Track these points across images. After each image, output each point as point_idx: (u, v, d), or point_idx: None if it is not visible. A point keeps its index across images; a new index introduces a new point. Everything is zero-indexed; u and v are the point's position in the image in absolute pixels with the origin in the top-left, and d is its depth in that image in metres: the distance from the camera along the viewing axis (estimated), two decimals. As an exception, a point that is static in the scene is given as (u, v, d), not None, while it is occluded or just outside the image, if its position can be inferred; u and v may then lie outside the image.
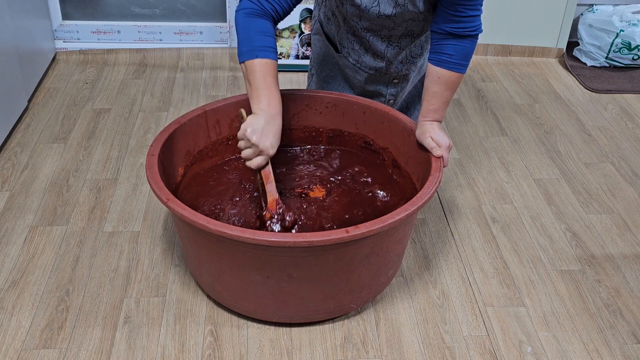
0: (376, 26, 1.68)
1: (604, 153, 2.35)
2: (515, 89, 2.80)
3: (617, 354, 1.55)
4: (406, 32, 1.70)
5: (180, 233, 1.57)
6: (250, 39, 1.48)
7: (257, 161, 1.50)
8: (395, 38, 1.72)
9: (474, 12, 1.53)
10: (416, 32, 1.71)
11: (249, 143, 1.47)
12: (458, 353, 1.53)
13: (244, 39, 1.49)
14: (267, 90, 1.47)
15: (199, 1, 2.94)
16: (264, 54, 1.47)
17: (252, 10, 1.50)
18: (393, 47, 1.74)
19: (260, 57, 1.47)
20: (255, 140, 1.46)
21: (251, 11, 1.50)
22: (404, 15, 1.62)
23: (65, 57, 2.87)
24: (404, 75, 1.86)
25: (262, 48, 1.48)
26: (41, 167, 2.13)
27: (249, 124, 1.46)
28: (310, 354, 1.52)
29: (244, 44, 1.49)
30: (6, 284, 1.67)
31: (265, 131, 1.47)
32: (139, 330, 1.55)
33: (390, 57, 1.77)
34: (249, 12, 1.50)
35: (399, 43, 1.73)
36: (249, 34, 1.49)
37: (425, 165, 1.62)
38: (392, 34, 1.70)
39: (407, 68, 1.83)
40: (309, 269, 1.42)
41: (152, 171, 1.51)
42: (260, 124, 1.46)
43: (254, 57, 1.47)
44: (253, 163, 1.50)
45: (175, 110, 2.51)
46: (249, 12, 1.50)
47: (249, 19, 1.49)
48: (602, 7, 3.03)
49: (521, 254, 1.85)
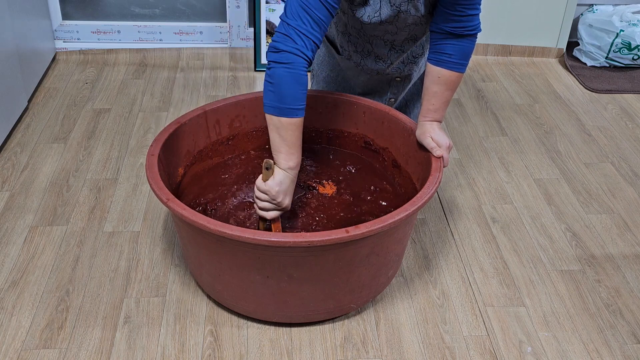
0: (379, 32, 1.68)
1: (604, 153, 2.35)
2: (515, 89, 2.80)
3: (617, 354, 1.55)
4: (409, 37, 1.70)
5: (180, 233, 1.57)
6: (290, 96, 1.41)
7: (273, 214, 1.50)
8: (398, 42, 1.72)
9: (473, 12, 1.53)
10: (419, 35, 1.71)
11: (274, 201, 1.46)
12: (458, 353, 1.53)
13: (282, 94, 1.41)
14: (298, 149, 1.46)
15: (199, 1, 2.94)
16: (302, 113, 1.44)
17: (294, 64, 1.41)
18: (396, 50, 1.74)
19: (299, 116, 1.44)
20: (281, 200, 1.46)
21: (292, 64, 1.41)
22: (406, 20, 1.62)
23: (65, 57, 2.87)
24: (407, 75, 1.86)
25: (301, 107, 1.44)
26: (41, 167, 2.13)
27: (277, 184, 1.44)
28: (310, 354, 1.52)
29: (283, 100, 1.41)
30: (6, 284, 1.67)
31: (289, 190, 1.48)
32: (139, 330, 1.55)
33: (393, 59, 1.77)
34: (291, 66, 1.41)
35: (402, 47, 1.74)
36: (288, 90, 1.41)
37: (425, 165, 1.62)
38: (395, 39, 1.70)
39: (410, 68, 1.83)
40: (309, 269, 1.42)
41: (152, 171, 1.51)
42: (288, 184, 1.46)
43: (293, 115, 1.42)
44: (269, 215, 1.49)
45: (175, 110, 2.51)
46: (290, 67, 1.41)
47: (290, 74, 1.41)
48: (602, 7, 3.03)
49: (521, 254, 1.85)
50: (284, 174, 1.46)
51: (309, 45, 1.42)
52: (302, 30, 1.41)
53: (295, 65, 1.41)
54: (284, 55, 1.41)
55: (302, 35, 1.41)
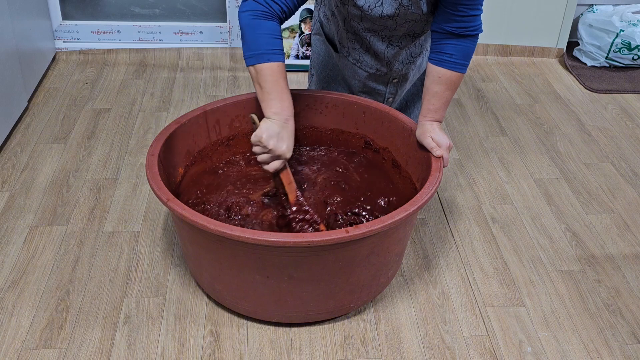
0: (378, 27, 1.68)
1: (604, 153, 2.35)
2: (515, 89, 2.80)
3: (617, 354, 1.55)
4: (407, 32, 1.70)
5: (180, 233, 1.57)
6: (259, 41, 1.47)
7: (275, 165, 1.50)
8: (395, 38, 1.72)
9: (475, 12, 1.53)
10: (417, 32, 1.71)
11: (266, 149, 1.46)
12: (458, 353, 1.53)
13: (252, 41, 1.47)
14: (279, 94, 1.47)
15: (199, 1, 2.94)
16: (275, 57, 1.46)
17: (259, 12, 1.48)
18: (393, 47, 1.74)
19: (271, 61, 1.46)
20: (272, 145, 1.46)
21: (258, 13, 1.48)
22: (406, 16, 1.62)
23: (65, 57, 2.87)
24: (404, 75, 1.86)
25: (273, 51, 1.46)
26: (41, 167, 2.13)
27: (264, 130, 1.45)
28: (310, 354, 1.52)
29: (252, 47, 1.47)
30: (6, 284, 1.67)
31: (281, 135, 1.47)
32: (139, 330, 1.55)
33: (390, 57, 1.77)
34: (256, 13, 1.48)
35: (399, 43, 1.73)
36: (258, 36, 1.47)
37: (425, 165, 1.62)
38: (393, 34, 1.70)
39: (407, 68, 1.83)
40: (309, 269, 1.42)
41: (152, 171, 1.51)
42: (275, 128, 1.46)
43: (265, 60, 1.45)
44: (271, 167, 1.50)
45: (175, 110, 2.51)
46: (255, 13, 1.48)
47: (256, 20, 1.48)
48: (602, 7, 3.03)
49: (521, 254, 1.85)
50: (270, 120, 1.46)
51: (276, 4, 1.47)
52: None
53: (261, 12, 1.46)
54: (248, 4, 1.48)
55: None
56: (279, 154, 1.48)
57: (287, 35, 2.82)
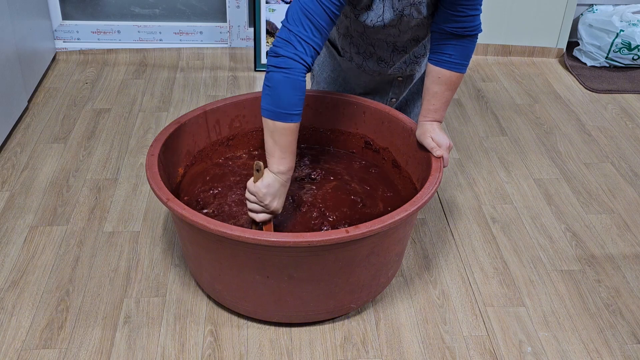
0: (382, 35, 1.68)
1: (604, 153, 2.35)
2: (515, 89, 2.80)
3: (617, 354, 1.55)
4: (412, 38, 1.70)
5: (180, 233, 1.57)
6: (285, 100, 1.42)
7: (262, 217, 1.50)
8: (400, 44, 1.72)
9: (474, 12, 1.54)
10: (421, 36, 1.71)
11: (262, 203, 1.46)
12: (458, 353, 1.53)
13: (278, 98, 1.41)
14: (291, 155, 1.46)
15: (199, 1, 2.94)
16: (297, 119, 1.44)
17: (293, 69, 1.41)
18: (399, 52, 1.74)
19: (293, 122, 1.43)
20: (269, 203, 1.46)
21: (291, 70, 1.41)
22: (409, 23, 1.62)
23: (65, 57, 2.87)
24: (409, 75, 1.86)
25: (297, 112, 1.44)
26: (41, 167, 2.13)
27: (265, 186, 1.44)
28: (310, 354, 1.52)
29: (279, 104, 1.42)
30: (6, 284, 1.67)
31: (279, 193, 1.47)
32: (139, 330, 1.55)
33: (395, 60, 1.77)
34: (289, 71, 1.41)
35: (405, 48, 1.74)
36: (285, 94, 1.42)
37: (425, 165, 1.62)
38: (397, 41, 1.70)
39: (412, 68, 1.83)
40: (309, 269, 1.42)
41: (152, 171, 1.51)
42: (276, 186, 1.46)
43: (287, 120, 1.42)
44: (258, 217, 1.50)
45: (175, 110, 2.51)
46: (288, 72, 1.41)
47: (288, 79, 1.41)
48: (602, 7, 3.03)
49: (521, 254, 1.85)
50: (274, 177, 1.45)
51: (308, 51, 1.42)
52: (302, 37, 1.41)
53: (294, 70, 1.41)
54: (283, 60, 1.41)
55: (302, 42, 1.41)
56: (272, 211, 1.49)
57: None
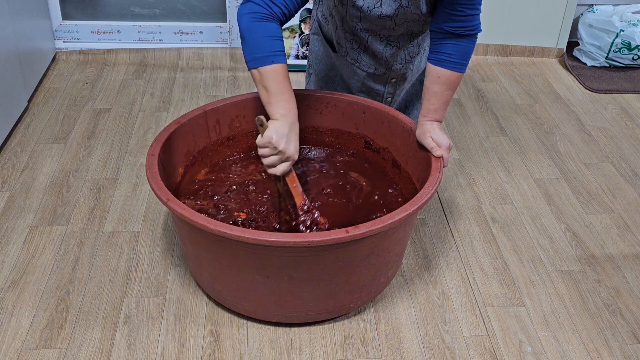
0: (376, 27, 1.68)
1: (604, 153, 2.35)
2: (515, 89, 2.80)
3: (617, 354, 1.55)
4: (406, 32, 1.70)
5: (180, 233, 1.57)
6: (262, 44, 1.45)
7: (283, 167, 1.48)
8: (394, 38, 1.72)
9: (473, 12, 1.54)
10: (415, 31, 1.71)
11: (276, 150, 1.44)
12: (458, 353, 1.53)
13: (254, 44, 1.45)
14: (286, 96, 1.46)
15: (199, 1, 2.94)
16: (278, 59, 1.45)
17: (259, 14, 1.46)
18: (391, 46, 1.74)
19: (275, 63, 1.44)
20: (283, 147, 1.44)
21: (258, 15, 1.46)
22: (405, 16, 1.62)
23: (65, 57, 2.87)
24: (402, 75, 1.86)
25: (275, 53, 1.45)
26: (41, 167, 2.13)
27: (273, 131, 1.43)
28: (310, 354, 1.52)
29: (255, 50, 1.45)
30: (6, 284, 1.67)
31: (290, 137, 1.46)
32: (139, 330, 1.55)
33: (388, 56, 1.77)
34: (256, 16, 1.46)
35: (398, 43, 1.73)
36: (260, 39, 1.45)
37: (425, 165, 1.62)
38: (391, 34, 1.70)
39: (405, 67, 1.83)
40: (309, 269, 1.42)
41: (152, 171, 1.51)
42: (284, 130, 1.44)
43: (268, 63, 1.44)
44: (278, 170, 1.47)
45: (175, 110, 2.51)
46: (255, 16, 1.46)
47: (257, 23, 1.46)
48: (602, 7, 3.03)
49: (521, 254, 1.85)
50: (278, 121, 1.44)
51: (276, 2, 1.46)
52: None
53: (261, 14, 1.44)
54: (249, 6, 1.46)
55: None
56: (288, 155, 1.46)
57: (287, 36, 2.82)
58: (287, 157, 1.46)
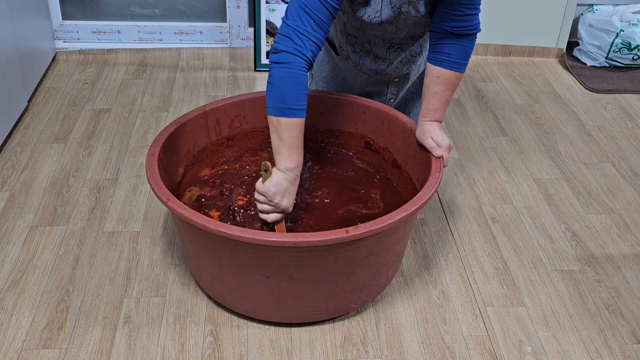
0: (379, 32, 1.68)
1: (604, 153, 2.35)
2: (515, 89, 2.80)
3: (617, 354, 1.55)
4: (408, 35, 1.70)
5: (180, 233, 1.57)
6: (289, 95, 1.42)
7: (274, 217, 1.50)
8: (397, 41, 1.72)
9: (473, 11, 1.54)
10: (418, 34, 1.71)
11: (271, 202, 1.46)
12: (458, 353, 1.53)
13: (281, 93, 1.42)
14: (297, 151, 1.45)
15: (199, 1, 2.94)
16: (300, 114, 1.44)
17: (293, 64, 1.42)
18: (395, 49, 1.74)
19: (297, 117, 1.43)
20: (278, 201, 1.45)
21: (292, 65, 1.42)
22: (406, 20, 1.62)
23: (65, 57, 2.87)
24: (405, 75, 1.86)
25: (300, 107, 1.43)
26: (41, 167, 2.13)
27: (273, 184, 1.44)
28: (310, 354, 1.52)
29: (280, 99, 1.42)
30: (6, 284, 1.67)
31: (289, 191, 1.47)
32: (139, 330, 1.55)
33: (392, 58, 1.77)
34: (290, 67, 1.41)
35: (401, 45, 1.74)
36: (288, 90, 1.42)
37: (425, 165, 1.62)
38: (394, 37, 1.70)
39: (408, 67, 1.83)
40: (309, 269, 1.42)
41: (152, 171, 1.51)
42: (285, 184, 1.45)
43: (291, 115, 1.42)
44: (269, 218, 1.50)
45: (175, 110, 2.51)
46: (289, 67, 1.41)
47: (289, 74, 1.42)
48: (602, 7, 3.03)
49: (521, 254, 1.85)
50: (282, 175, 1.45)
51: (308, 45, 1.42)
52: (301, 31, 1.41)
53: (294, 65, 1.42)
54: (282, 56, 1.42)
55: (301, 36, 1.41)
56: (282, 209, 1.48)
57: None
58: (281, 210, 1.49)
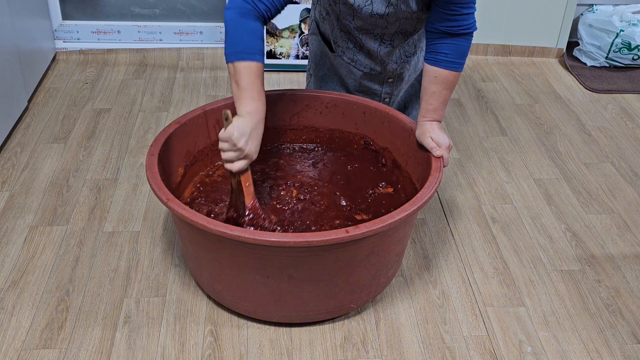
0: (369, 25, 1.68)
1: (604, 153, 2.35)
2: (515, 89, 2.80)
3: (617, 354, 1.55)
4: (399, 30, 1.71)
5: (180, 233, 1.57)
6: (241, 40, 1.46)
7: (239, 165, 1.47)
8: (387, 36, 1.72)
9: (468, 10, 1.54)
10: (409, 30, 1.72)
11: (235, 147, 1.43)
12: (458, 353, 1.53)
13: (234, 39, 1.46)
14: (255, 93, 1.45)
15: (199, 1, 2.94)
16: (254, 57, 1.45)
17: (245, 10, 1.47)
18: (385, 45, 1.74)
19: (250, 60, 1.45)
20: (242, 145, 1.43)
21: (243, 11, 1.47)
22: (397, 14, 1.62)
23: (65, 57, 2.87)
24: (399, 74, 1.86)
25: (253, 51, 1.45)
26: (41, 167, 2.13)
27: (235, 127, 1.43)
28: (310, 354, 1.52)
29: (233, 44, 1.46)
30: (6, 284, 1.67)
31: (252, 135, 1.45)
32: (139, 330, 1.55)
33: (383, 55, 1.77)
34: (241, 11, 1.47)
35: (392, 41, 1.74)
36: (240, 34, 1.46)
37: (425, 165, 1.62)
38: (384, 32, 1.71)
39: (402, 67, 1.84)
40: (309, 269, 1.42)
41: (152, 171, 1.51)
42: (247, 128, 1.44)
43: (244, 59, 1.44)
44: (234, 166, 1.47)
45: (175, 110, 2.51)
46: (241, 11, 1.47)
47: (240, 19, 1.47)
48: (602, 7, 3.03)
49: (521, 254, 1.85)
50: (242, 118, 1.44)
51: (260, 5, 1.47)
52: None
53: (245, 10, 1.46)
54: (234, 1, 1.47)
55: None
56: (246, 153, 1.46)
57: (287, 35, 2.82)
58: (245, 155, 1.46)
